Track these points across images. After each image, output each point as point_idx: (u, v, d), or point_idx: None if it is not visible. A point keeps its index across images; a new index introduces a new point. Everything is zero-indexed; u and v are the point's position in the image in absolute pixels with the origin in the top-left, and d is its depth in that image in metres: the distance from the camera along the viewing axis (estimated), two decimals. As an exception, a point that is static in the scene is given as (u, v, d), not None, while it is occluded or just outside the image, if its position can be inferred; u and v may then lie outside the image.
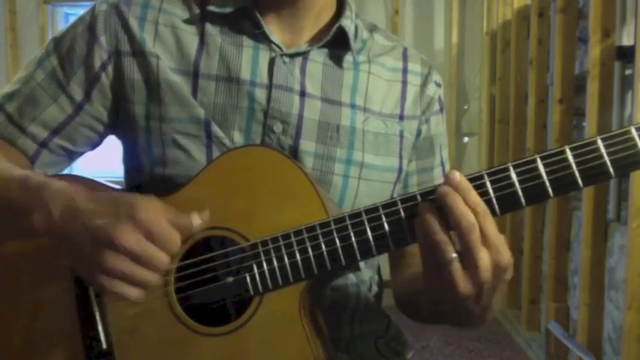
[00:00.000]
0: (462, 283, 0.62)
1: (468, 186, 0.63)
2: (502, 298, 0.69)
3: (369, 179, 0.84)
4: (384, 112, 0.87)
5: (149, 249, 0.64)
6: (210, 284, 0.72)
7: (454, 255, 0.62)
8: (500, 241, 0.62)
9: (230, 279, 0.71)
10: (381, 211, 0.68)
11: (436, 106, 0.93)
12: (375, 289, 0.93)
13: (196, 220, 0.68)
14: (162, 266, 0.66)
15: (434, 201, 0.64)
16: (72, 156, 0.87)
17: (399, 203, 0.67)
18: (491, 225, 0.62)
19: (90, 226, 0.65)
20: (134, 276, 0.65)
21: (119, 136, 0.87)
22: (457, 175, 0.63)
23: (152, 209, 0.65)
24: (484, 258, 0.61)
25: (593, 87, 2.23)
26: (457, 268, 0.62)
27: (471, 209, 0.62)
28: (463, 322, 0.71)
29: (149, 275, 0.65)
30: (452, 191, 0.62)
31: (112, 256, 0.64)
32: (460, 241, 0.62)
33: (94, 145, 0.88)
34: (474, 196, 0.63)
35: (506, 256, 0.62)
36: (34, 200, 0.69)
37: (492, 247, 0.62)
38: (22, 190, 0.71)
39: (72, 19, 0.87)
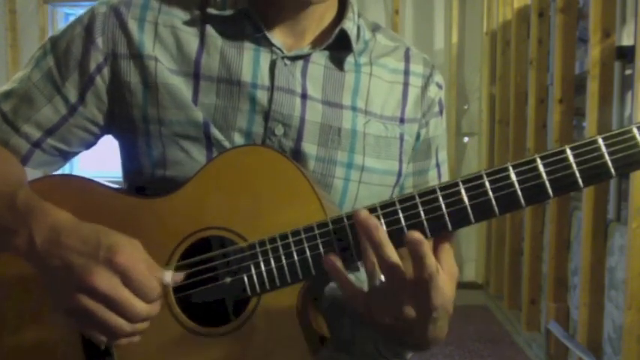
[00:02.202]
0: (387, 309, 0.65)
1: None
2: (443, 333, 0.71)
3: (369, 183, 0.84)
4: (385, 115, 0.87)
5: (123, 295, 0.64)
6: (208, 284, 0.72)
7: (380, 280, 0.64)
8: (430, 290, 0.63)
9: (228, 279, 0.71)
10: (379, 212, 0.67)
11: (436, 108, 0.92)
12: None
13: (167, 278, 0.68)
14: (136, 313, 0.65)
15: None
16: (66, 156, 0.87)
17: (397, 204, 0.67)
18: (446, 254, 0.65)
19: (68, 263, 0.65)
20: (104, 321, 0.64)
21: (117, 138, 0.87)
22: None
23: (132, 254, 0.65)
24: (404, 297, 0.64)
25: (593, 87, 2.23)
26: (383, 294, 0.64)
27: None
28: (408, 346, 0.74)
29: (119, 322, 0.64)
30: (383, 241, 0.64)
31: (83, 299, 0.64)
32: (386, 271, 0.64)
33: (89, 146, 0.88)
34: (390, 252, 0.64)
35: (436, 302, 0.63)
36: (18, 223, 0.69)
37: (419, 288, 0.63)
38: (8, 209, 0.71)
39: (71, 20, 0.87)
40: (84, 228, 0.68)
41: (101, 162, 3.74)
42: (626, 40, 2.18)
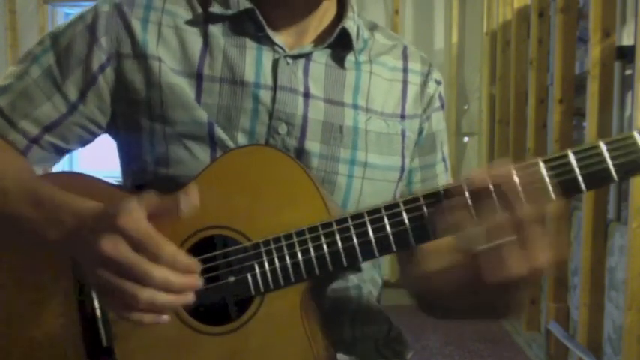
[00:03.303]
0: (519, 269, 0.61)
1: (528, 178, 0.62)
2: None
3: (372, 179, 0.84)
4: (386, 112, 0.88)
5: (131, 256, 0.61)
6: (211, 283, 0.72)
7: (508, 238, 0.61)
8: (540, 244, 0.61)
9: (232, 278, 0.71)
10: (383, 213, 0.68)
11: (437, 103, 0.93)
12: (377, 289, 0.93)
13: (181, 206, 0.63)
14: (148, 274, 0.61)
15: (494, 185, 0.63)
16: (62, 153, 0.87)
17: (402, 205, 0.67)
18: (546, 213, 0.61)
19: (85, 242, 0.64)
20: (119, 289, 0.61)
21: (118, 137, 0.87)
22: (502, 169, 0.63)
23: (133, 214, 0.62)
24: (541, 244, 0.61)
25: (593, 87, 2.23)
26: (512, 252, 0.61)
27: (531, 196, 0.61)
28: (500, 312, 0.70)
29: (134, 288, 0.61)
30: (511, 179, 0.61)
31: (98, 271, 0.62)
32: (519, 226, 0.61)
33: (86, 143, 0.88)
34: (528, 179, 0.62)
35: (544, 256, 0.61)
36: (48, 216, 0.69)
37: (547, 236, 0.61)
38: (33, 204, 0.71)
39: (72, 17, 0.87)
40: (101, 205, 0.67)
41: (101, 161, 3.74)
42: (626, 40, 2.18)
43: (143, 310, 0.62)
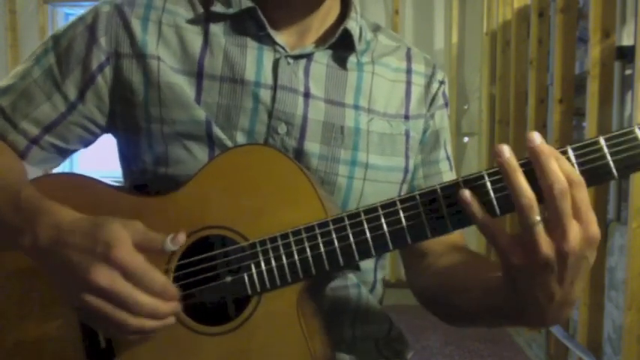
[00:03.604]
0: (546, 247, 0.58)
1: (560, 155, 0.60)
2: (583, 289, 0.63)
3: (374, 180, 0.84)
4: (389, 113, 0.87)
5: (123, 288, 0.63)
6: (209, 283, 0.72)
7: (538, 218, 0.58)
8: (590, 212, 0.59)
9: (229, 278, 0.71)
10: (380, 212, 0.68)
11: (440, 101, 0.93)
12: (378, 289, 0.93)
13: (167, 244, 0.66)
14: (139, 305, 0.64)
15: (521, 165, 0.60)
16: (63, 153, 0.87)
17: (398, 203, 0.67)
18: (584, 196, 0.59)
19: (69, 261, 0.64)
20: (109, 317, 0.64)
21: (118, 137, 0.87)
22: (539, 138, 0.59)
23: (128, 245, 0.64)
24: (574, 228, 0.58)
25: (593, 87, 2.22)
26: (541, 231, 0.58)
27: (565, 176, 0.58)
28: (531, 314, 0.64)
29: (123, 316, 0.64)
30: (549, 153, 0.58)
31: (87, 297, 0.63)
32: (550, 206, 0.58)
33: (87, 144, 0.88)
34: (566, 163, 0.59)
35: (596, 229, 0.59)
36: (22, 222, 0.69)
37: (583, 220, 0.59)
38: (12, 207, 0.71)
39: (72, 18, 0.87)
40: (84, 223, 0.67)
41: (101, 161, 3.75)
42: (626, 40, 2.18)
43: (128, 333, 0.66)
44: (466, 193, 0.62)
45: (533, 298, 0.62)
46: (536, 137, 0.59)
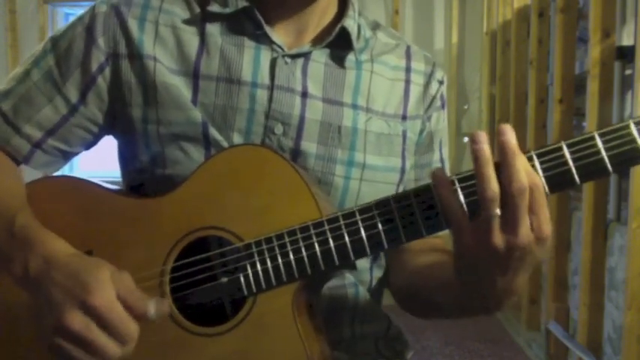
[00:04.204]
0: (497, 238, 0.61)
1: (525, 158, 0.62)
2: (525, 284, 0.67)
3: (371, 180, 0.84)
4: (387, 112, 0.87)
5: (95, 338, 0.63)
6: (205, 284, 0.72)
7: (498, 211, 0.60)
8: (545, 213, 0.61)
9: (224, 279, 0.71)
10: (374, 211, 0.67)
11: (438, 102, 0.92)
12: (376, 289, 0.93)
13: (151, 309, 0.65)
14: (109, 355, 0.63)
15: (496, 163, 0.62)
16: (67, 156, 0.87)
17: (392, 202, 0.67)
18: (540, 197, 0.61)
19: (50, 299, 0.64)
20: None
21: (117, 137, 0.87)
22: (509, 132, 0.62)
23: (108, 293, 0.63)
24: (526, 223, 0.60)
25: (593, 87, 2.22)
26: (496, 224, 0.61)
27: (527, 175, 0.60)
28: (481, 301, 0.68)
29: None
30: (517, 152, 0.61)
31: (58, 339, 0.63)
32: (508, 201, 0.60)
33: (89, 146, 0.88)
34: (530, 167, 0.62)
35: (547, 229, 0.61)
36: (15, 249, 0.69)
37: (536, 216, 0.61)
38: (5, 232, 0.71)
39: (71, 20, 0.87)
40: (73, 261, 0.67)
41: (101, 162, 3.75)
42: (626, 40, 2.18)
43: None
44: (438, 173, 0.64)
45: (475, 282, 0.67)
46: (506, 131, 0.61)
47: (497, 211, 0.60)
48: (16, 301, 0.74)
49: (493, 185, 0.60)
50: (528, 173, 0.61)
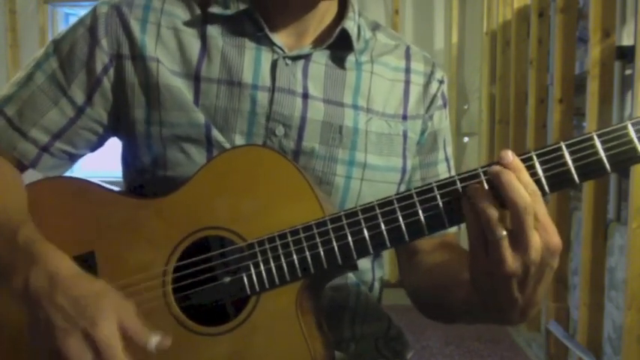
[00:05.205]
0: (511, 260, 0.61)
1: (521, 166, 0.63)
2: (546, 291, 0.68)
3: (372, 180, 0.84)
4: (387, 113, 0.87)
5: None
6: (207, 284, 0.72)
7: (504, 233, 0.61)
8: (551, 224, 0.62)
9: (227, 279, 0.71)
10: (377, 210, 0.68)
11: (439, 102, 0.92)
12: (377, 289, 0.93)
13: (151, 344, 0.64)
14: None
15: (487, 180, 0.63)
16: (73, 158, 0.87)
17: (395, 202, 0.67)
18: (542, 207, 0.61)
19: (51, 321, 0.63)
20: None
21: (120, 138, 0.87)
22: (510, 155, 0.63)
23: (112, 328, 0.62)
24: (535, 238, 0.61)
25: (593, 87, 2.22)
26: (506, 246, 0.61)
27: (527, 190, 0.61)
28: (504, 313, 0.68)
29: None
30: (507, 170, 0.62)
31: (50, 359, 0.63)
32: (514, 220, 0.61)
33: (95, 147, 0.88)
34: (527, 176, 0.62)
35: (556, 239, 0.62)
36: (16, 262, 0.68)
37: (543, 229, 0.61)
38: (7, 244, 0.69)
39: (72, 20, 0.87)
40: (79, 285, 0.66)
41: (101, 162, 3.75)
42: (626, 40, 2.18)
43: None
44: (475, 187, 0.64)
45: (496, 301, 0.66)
46: (505, 155, 0.63)
47: (504, 232, 0.61)
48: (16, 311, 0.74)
49: (492, 209, 0.61)
50: (527, 185, 0.61)
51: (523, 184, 0.61)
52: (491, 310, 0.69)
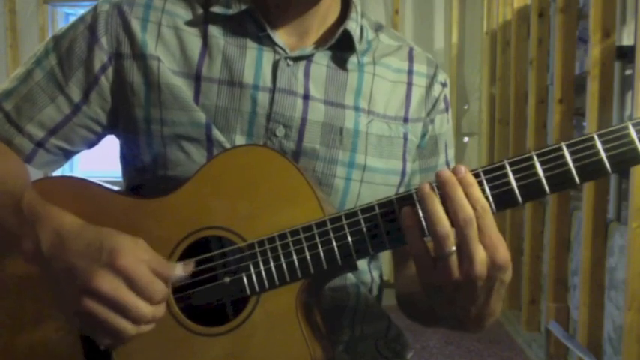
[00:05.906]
0: (456, 274, 0.62)
1: (472, 181, 0.63)
2: (502, 302, 0.68)
3: (371, 182, 0.84)
4: (389, 115, 0.87)
5: (126, 297, 0.64)
6: (207, 284, 0.72)
7: (453, 248, 0.62)
8: (498, 239, 0.62)
9: (227, 279, 0.71)
10: (377, 210, 0.68)
11: (441, 105, 0.92)
12: (376, 289, 0.93)
13: (179, 270, 0.67)
14: (140, 315, 0.65)
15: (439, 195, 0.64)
16: (68, 155, 0.87)
17: (395, 202, 0.67)
18: (490, 222, 0.62)
19: (72, 266, 0.65)
20: (108, 324, 0.64)
21: (119, 137, 0.87)
22: (463, 170, 0.64)
23: (134, 255, 0.65)
24: (479, 253, 0.61)
25: (593, 87, 2.22)
26: (453, 261, 0.62)
27: (471, 204, 0.62)
28: (460, 324, 0.70)
29: (123, 324, 0.64)
30: (453, 182, 0.62)
31: (88, 302, 0.64)
32: (457, 233, 0.62)
33: (92, 145, 0.88)
34: (475, 191, 0.63)
35: (503, 255, 0.62)
36: (24, 227, 0.69)
37: (489, 245, 0.62)
38: (13, 212, 0.71)
39: (72, 19, 0.87)
40: (88, 231, 0.68)
41: (101, 162, 3.75)
42: (626, 40, 2.18)
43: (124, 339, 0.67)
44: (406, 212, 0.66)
45: (449, 311, 0.68)
46: (443, 172, 0.63)
47: (453, 247, 0.62)
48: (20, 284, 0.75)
49: (443, 221, 0.62)
50: (474, 200, 0.62)
51: (472, 200, 0.62)
52: (448, 319, 0.71)
